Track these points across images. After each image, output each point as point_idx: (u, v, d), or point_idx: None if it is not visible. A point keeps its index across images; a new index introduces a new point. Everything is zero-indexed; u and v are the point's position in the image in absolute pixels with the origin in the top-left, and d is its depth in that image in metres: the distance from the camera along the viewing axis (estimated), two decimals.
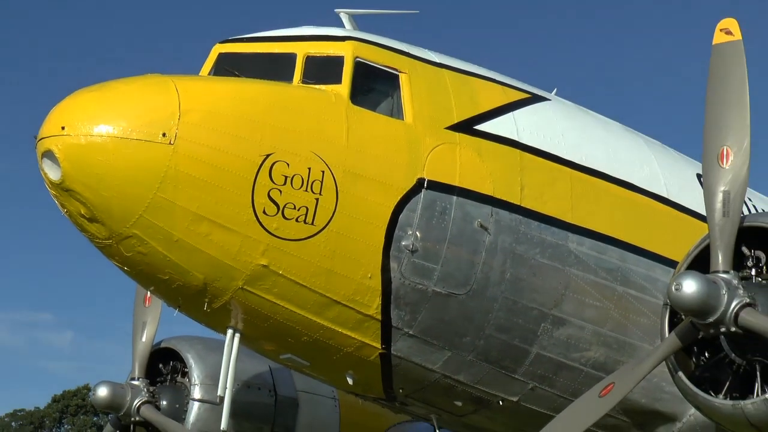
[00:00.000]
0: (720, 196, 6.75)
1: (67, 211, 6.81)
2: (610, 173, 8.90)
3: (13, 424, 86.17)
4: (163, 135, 6.69)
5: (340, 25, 8.23)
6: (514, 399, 8.53)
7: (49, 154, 6.50)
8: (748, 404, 6.44)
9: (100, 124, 6.61)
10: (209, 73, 7.87)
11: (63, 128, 6.56)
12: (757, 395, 6.44)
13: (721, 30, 7.02)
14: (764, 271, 6.91)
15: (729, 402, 6.60)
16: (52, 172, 6.52)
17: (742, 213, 7.05)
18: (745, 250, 6.84)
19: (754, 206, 9.92)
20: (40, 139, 6.61)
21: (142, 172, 6.67)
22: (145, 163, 6.67)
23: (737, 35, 6.97)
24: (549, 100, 9.24)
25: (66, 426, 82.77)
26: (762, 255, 6.88)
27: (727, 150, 6.81)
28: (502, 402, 8.48)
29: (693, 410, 7.87)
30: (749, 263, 6.86)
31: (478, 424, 9.31)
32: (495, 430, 9.51)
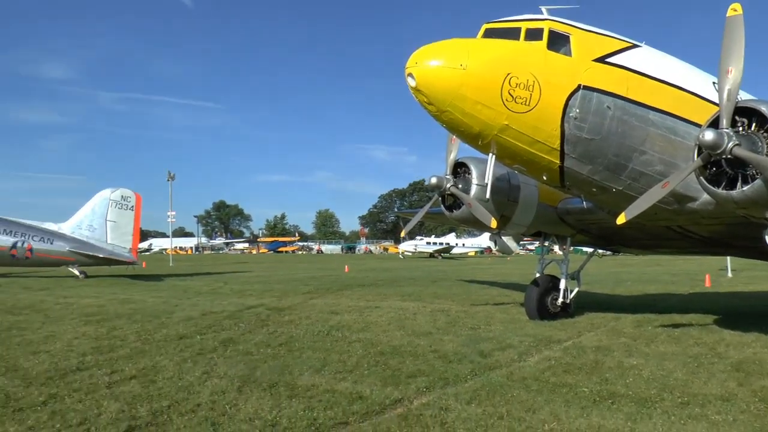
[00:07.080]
0: (726, 92, 8.67)
1: (418, 101, 9.31)
2: (670, 81, 10.55)
3: (392, 195, 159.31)
4: (461, 65, 9.08)
5: (541, 12, 10.39)
6: (621, 188, 10.55)
7: (410, 75, 9.06)
8: (734, 193, 8.75)
9: (433, 60, 9.06)
10: (481, 37, 10.02)
11: (416, 63, 9.08)
12: (739, 189, 8.69)
13: (732, 8, 8.74)
14: (746, 128, 8.81)
15: (725, 191, 8.86)
16: (412, 83, 9.08)
17: (737, 100, 8.79)
18: (737, 118, 8.84)
19: (742, 98, 9.75)
20: (407, 67, 9.14)
21: (451, 82, 9.04)
22: (453, 78, 9.03)
23: (740, 11, 8.69)
24: (641, 46, 10.86)
25: (414, 196, 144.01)
26: (746, 120, 8.82)
27: (730, 69, 8.69)
28: (615, 190, 10.58)
29: (705, 195, 9.75)
30: (739, 125, 8.86)
31: (603, 200, 11.42)
32: (609, 202, 11.39)
